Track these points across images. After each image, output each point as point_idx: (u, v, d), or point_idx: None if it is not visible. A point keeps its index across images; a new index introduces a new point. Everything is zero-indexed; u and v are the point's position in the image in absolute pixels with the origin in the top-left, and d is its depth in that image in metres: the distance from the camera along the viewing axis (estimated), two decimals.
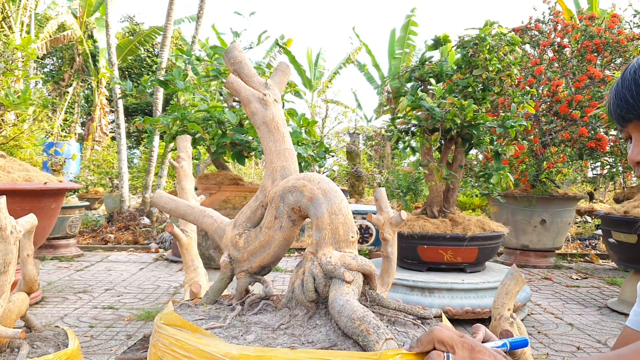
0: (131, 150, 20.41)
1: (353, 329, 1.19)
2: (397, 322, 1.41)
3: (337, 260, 1.40)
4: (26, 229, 1.97)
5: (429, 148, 4.50)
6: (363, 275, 1.43)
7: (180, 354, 1.30)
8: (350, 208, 5.14)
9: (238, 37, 4.03)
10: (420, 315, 1.45)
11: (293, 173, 1.69)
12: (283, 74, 1.86)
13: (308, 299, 1.43)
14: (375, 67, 19.17)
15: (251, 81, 1.77)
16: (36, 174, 4.46)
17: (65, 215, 6.93)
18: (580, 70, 6.87)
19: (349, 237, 1.45)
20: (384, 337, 1.12)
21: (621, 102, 0.99)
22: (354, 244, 1.47)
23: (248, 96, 1.74)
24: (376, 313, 1.43)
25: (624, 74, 1.01)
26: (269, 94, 1.74)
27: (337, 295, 1.32)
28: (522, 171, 6.88)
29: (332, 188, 1.49)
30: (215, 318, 1.53)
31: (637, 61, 0.99)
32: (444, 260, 4.36)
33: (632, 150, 1.05)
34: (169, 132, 3.89)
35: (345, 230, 1.45)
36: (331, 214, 1.45)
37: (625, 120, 1.01)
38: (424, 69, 4.60)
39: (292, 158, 1.72)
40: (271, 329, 1.41)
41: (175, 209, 1.87)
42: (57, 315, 4.27)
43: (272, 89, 1.77)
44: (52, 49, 17.47)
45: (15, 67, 4.92)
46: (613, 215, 4.76)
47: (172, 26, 10.18)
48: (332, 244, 1.44)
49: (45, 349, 2.57)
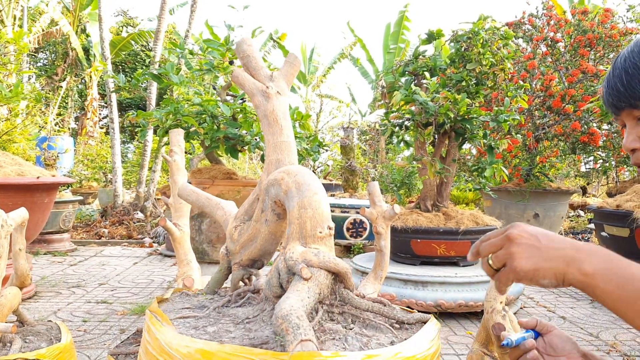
0: (125, 145, 20.34)
1: (276, 327, 1.18)
2: (370, 326, 1.36)
3: (298, 255, 1.38)
4: (17, 222, 1.96)
5: (423, 142, 4.51)
6: (333, 273, 1.39)
7: (146, 340, 1.35)
8: (344, 202, 5.20)
9: (232, 30, 4.02)
10: (399, 319, 1.39)
11: (288, 165, 1.69)
12: (291, 65, 1.83)
13: (273, 294, 1.41)
14: (370, 61, 19.15)
15: (257, 74, 1.76)
16: (29, 168, 4.44)
17: (58, 210, 6.90)
18: (573, 65, 6.89)
19: (317, 233, 1.41)
20: (300, 338, 1.11)
21: (613, 90, 1.00)
22: (324, 239, 1.43)
23: (252, 89, 1.73)
24: (347, 314, 1.39)
25: (615, 63, 1.02)
26: (272, 86, 1.73)
27: (288, 292, 1.31)
28: (515, 165, 6.90)
29: (306, 181, 1.46)
30: (200, 308, 1.53)
31: (628, 49, 0.99)
32: (437, 254, 4.38)
33: (627, 138, 1.05)
34: (162, 126, 3.88)
35: (313, 225, 1.42)
36: (300, 207, 1.42)
37: (618, 108, 1.02)
38: (417, 63, 4.60)
39: (289, 151, 1.69)
40: (235, 322, 1.40)
41: (196, 201, 1.90)
42: (51, 309, 4.26)
43: (276, 81, 1.76)
44: (45, 43, 17.36)
45: (8, 61, 4.89)
46: (606, 209, 4.78)
47: (165, 20, 10.13)
48: (298, 238, 1.42)
49: (38, 344, 2.57)
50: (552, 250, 0.85)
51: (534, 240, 0.88)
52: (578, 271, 0.83)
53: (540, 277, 0.84)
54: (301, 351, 1.09)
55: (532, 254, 0.86)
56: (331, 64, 20.09)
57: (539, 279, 0.85)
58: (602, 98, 1.08)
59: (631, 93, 0.97)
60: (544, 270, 0.84)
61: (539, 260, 0.85)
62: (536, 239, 0.88)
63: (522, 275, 0.85)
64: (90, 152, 13.31)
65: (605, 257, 0.85)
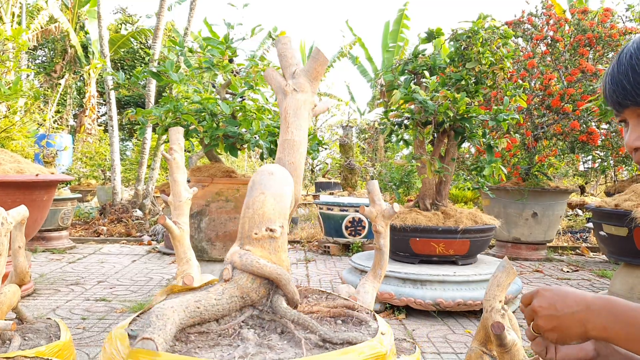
0: (123, 143, 20.32)
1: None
2: (292, 340, 1.28)
3: (229, 256, 1.37)
4: (17, 220, 1.96)
5: (422, 141, 4.51)
6: (265, 277, 1.36)
7: None
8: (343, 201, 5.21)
9: (232, 29, 4.01)
10: (327, 339, 1.26)
11: (288, 165, 1.67)
12: (314, 60, 1.76)
13: None
14: (369, 60, 19.12)
15: (285, 72, 1.74)
16: (28, 165, 4.44)
17: (57, 207, 6.90)
18: (572, 64, 6.89)
19: (252, 234, 1.38)
20: (143, 336, 1.13)
21: (617, 87, 0.98)
22: (261, 241, 1.39)
23: (276, 87, 1.73)
24: (278, 323, 1.34)
25: (619, 58, 0.99)
26: (289, 83, 1.70)
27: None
28: (514, 164, 6.91)
29: (260, 180, 1.44)
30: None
31: (634, 45, 0.97)
32: (436, 252, 4.38)
33: (630, 136, 1.04)
34: (162, 124, 3.87)
35: (250, 225, 1.39)
36: (245, 207, 1.41)
37: (621, 105, 1.00)
38: (417, 62, 4.60)
39: (290, 149, 1.65)
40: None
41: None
42: (49, 307, 4.26)
43: (297, 78, 1.71)
44: (44, 40, 17.32)
45: (7, 58, 4.88)
46: (604, 208, 4.79)
47: (164, 17, 10.12)
48: (240, 239, 1.40)
49: (37, 341, 2.57)
50: (569, 316, 0.98)
51: (553, 310, 1.00)
52: (594, 329, 0.95)
53: (568, 341, 1.00)
54: (139, 348, 1.10)
55: (554, 325, 1.00)
56: (330, 62, 20.07)
57: (568, 342, 1.00)
58: (603, 94, 1.06)
59: (638, 91, 0.95)
60: (569, 337, 0.99)
61: (560, 331, 0.99)
62: (554, 309, 1.00)
63: (554, 343, 1.02)
64: (89, 150, 13.29)
65: (611, 309, 0.95)
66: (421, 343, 3.59)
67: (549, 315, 1.00)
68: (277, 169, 1.52)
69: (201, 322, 1.31)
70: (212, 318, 1.32)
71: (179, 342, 1.25)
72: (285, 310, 1.33)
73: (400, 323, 4.06)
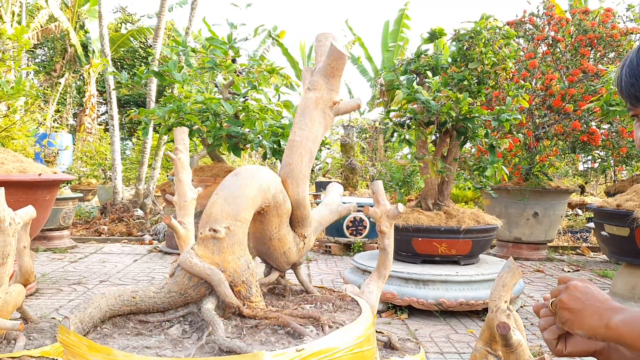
0: (123, 142, 20.31)
1: None
2: (198, 342, 1.30)
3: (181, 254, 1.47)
4: (25, 221, 1.96)
5: (424, 141, 4.52)
6: (199, 277, 1.40)
7: None
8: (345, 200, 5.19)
9: (235, 29, 4.01)
10: (222, 347, 1.26)
11: (285, 166, 1.66)
12: (329, 56, 1.66)
13: None
14: (369, 59, 19.10)
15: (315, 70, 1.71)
16: (30, 165, 4.44)
17: (58, 207, 6.90)
18: (573, 65, 6.90)
19: (199, 234, 1.44)
20: (66, 315, 1.27)
21: (637, 81, 0.96)
22: (205, 241, 1.42)
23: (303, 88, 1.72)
24: (203, 320, 1.37)
25: (639, 52, 0.97)
26: (306, 82, 1.68)
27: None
28: (515, 164, 6.91)
29: (224, 182, 1.48)
30: None
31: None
32: (438, 252, 4.39)
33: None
34: (164, 124, 3.88)
35: (201, 225, 1.44)
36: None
37: (638, 100, 0.98)
38: (419, 62, 4.61)
39: (290, 150, 1.61)
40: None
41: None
42: (52, 306, 4.27)
43: (314, 76, 1.68)
44: (44, 39, 17.31)
45: (9, 57, 4.88)
46: (606, 208, 4.79)
47: (165, 17, 10.12)
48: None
49: (42, 341, 2.57)
50: (594, 307, 0.99)
51: (582, 295, 1.02)
52: (612, 328, 0.94)
53: (577, 327, 1.00)
54: (61, 325, 1.29)
55: (575, 307, 1.01)
56: None
57: (576, 328, 1.01)
58: (618, 87, 1.04)
59: None
60: (580, 324, 1.00)
61: (577, 314, 1.00)
62: (584, 295, 1.02)
63: (562, 324, 1.04)
64: (89, 149, 13.29)
65: (630, 312, 0.95)
66: (424, 343, 3.60)
67: (576, 298, 1.01)
68: (244, 171, 1.51)
69: (145, 312, 1.39)
70: (151, 309, 1.39)
71: (113, 326, 1.36)
72: (205, 312, 1.34)
73: (403, 323, 4.07)
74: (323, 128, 1.59)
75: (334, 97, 1.54)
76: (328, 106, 1.56)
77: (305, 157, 1.59)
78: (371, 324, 1.49)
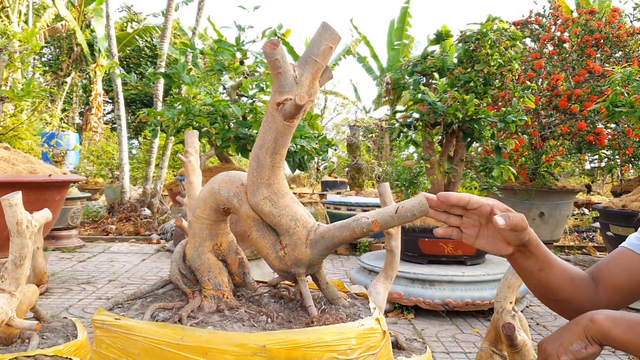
0: (129, 141, 20.39)
1: None
2: None
3: None
4: (41, 223, 2.01)
5: (431, 142, 4.54)
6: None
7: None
8: (351, 200, 5.26)
9: (243, 31, 4.05)
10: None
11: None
12: (266, 57, 1.58)
13: None
14: (374, 58, 19.11)
15: None
16: (40, 166, 4.49)
17: (67, 207, 6.96)
18: (580, 65, 6.90)
19: None
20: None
21: None
22: None
23: None
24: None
25: None
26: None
27: None
28: (521, 164, 6.93)
29: None
30: None
31: None
32: (444, 253, 4.42)
33: None
34: (173, 126, 3.92)
35: None
36: None
37: None
38: (426, 64, 4.63)
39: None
40: None
41: None
42: (62, 306, 4.32)
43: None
44: (50, 39, 17.40)
45: (20, 58, 4.93)
46: (612, 209, 4.81)
47: (172, 16, 10.17)
48: None
49: (55, 340, 2.62)
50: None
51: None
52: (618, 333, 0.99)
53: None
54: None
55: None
56: (336, 60, 20.08)
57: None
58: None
59: None
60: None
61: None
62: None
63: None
64: (96, 149, 13.36)
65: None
66: (430, 342, 3.63)
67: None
68: (213, 177, 1.72)
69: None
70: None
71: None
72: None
73: (410, 323, 4.10)
74: (274, 132, 1.52)
75: (277, 98, 1.50)
76: (274, 109, 1.51)
77: (253, 164, 1.58)
78: None
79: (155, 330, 1.36)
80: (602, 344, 1.01)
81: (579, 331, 1.01)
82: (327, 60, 1.46)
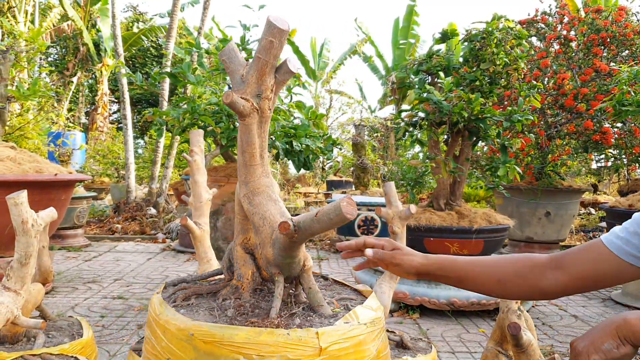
0: (135, 141, 20.44)
1: None
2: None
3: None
4: (46, 222, 2.01)
5: (436, 141, 4.53)
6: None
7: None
8: (356, 199, 5.25)
9: (248, 30, 4.05)
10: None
11: None
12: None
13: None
14: (379, 57, 19.08)
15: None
16: (46, 165, 4.50)
17: (73, 206, 6.98)
18: (586, 64, 6.86)
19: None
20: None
21: None
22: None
23: None
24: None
25: None
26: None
27: None
28: (527, 164, 6.90)
29: None
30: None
31: None
32: (450, 252, 4.40)
33: None
34: (179, 125, 3.92)
35: None
36: None
37: None
38: (431, 63, 4.62)
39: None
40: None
41: None
42: (68, 305, 4.33)
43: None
44: (56, 38, 17.46)
45: (27, 58, 4.95)
46: (618, 208, 4.79)
47: (177, 16, 10.19)
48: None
49: (60, 339, 2.63)
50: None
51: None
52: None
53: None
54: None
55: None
56: (341, 59, 20.06)
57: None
58: None
59: None
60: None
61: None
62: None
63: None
64: (102, 148, 13.40)
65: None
66: (436, 342, 3.62)
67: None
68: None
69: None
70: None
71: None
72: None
73: (415, 322, 4.10)
74: (239, 132, 1.59)
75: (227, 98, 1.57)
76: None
77: (239, 163, 1.78)
78: None
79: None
80: (635, 345, 1.00)
81: (611, 330, 1.01)
82: (271, 55, 1.44)
